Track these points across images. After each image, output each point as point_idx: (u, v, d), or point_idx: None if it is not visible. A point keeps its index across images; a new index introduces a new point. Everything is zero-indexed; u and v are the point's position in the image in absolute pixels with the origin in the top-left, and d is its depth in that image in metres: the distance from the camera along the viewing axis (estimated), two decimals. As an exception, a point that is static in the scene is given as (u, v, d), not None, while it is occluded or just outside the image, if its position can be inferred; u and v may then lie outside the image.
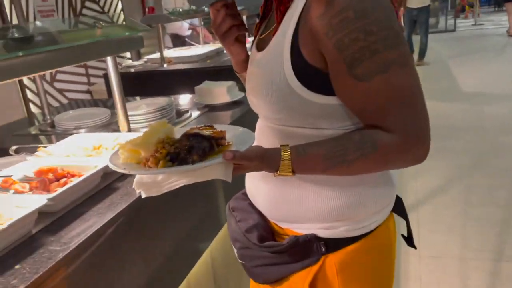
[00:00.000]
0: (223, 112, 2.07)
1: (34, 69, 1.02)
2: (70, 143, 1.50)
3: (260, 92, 0.87)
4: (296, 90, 0.79)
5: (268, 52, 0.86)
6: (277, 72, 0.81)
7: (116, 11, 5.49)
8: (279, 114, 0.85)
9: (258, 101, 0.90)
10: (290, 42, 0.79)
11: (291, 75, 0.79)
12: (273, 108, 0.84)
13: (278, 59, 0.81)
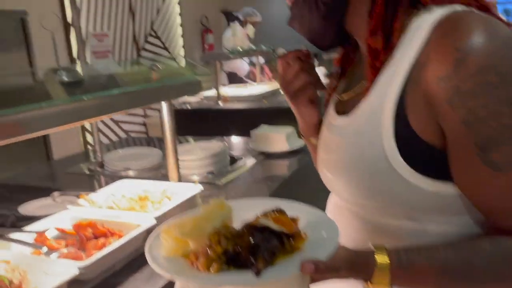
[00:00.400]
0: (280, 162, 1.90)
1: (82, 116, 0.90)
2: (115, 190, 1.38)
3: (343, 169, 0.69)
4: (398, 170, 0.60)
5: (358, 118, 0.68)
6: (372, 145, 0.63)
7: (177, 47, 5.60)
8: (368, 200, 0.65)
9: (338, 179, 0.71)
10: (393, 107, 0.61)
11: (392, 150, 0.61)
12: (361, 191, 0.65)
13: (374, 128, 0.63)
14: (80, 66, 1.18)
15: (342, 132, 0.72)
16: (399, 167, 0.60)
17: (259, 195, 1.48)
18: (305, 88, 0.80)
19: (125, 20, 4.69)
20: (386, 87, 0.63)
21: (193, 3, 5.91)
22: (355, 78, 0.77)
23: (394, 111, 0.61)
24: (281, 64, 0.80)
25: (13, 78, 1.09)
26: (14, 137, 0.87)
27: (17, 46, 2.82)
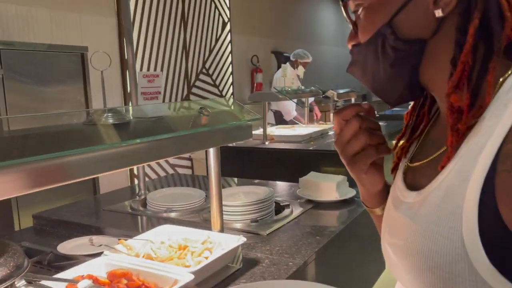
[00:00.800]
0: (330, 212, 1.77)
1: (123, 163, 0.85)
2: (154, 236, 1.31)
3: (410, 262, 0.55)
4: (481, 273, 0.47)
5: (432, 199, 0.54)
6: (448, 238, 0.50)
7: (227, 84, 5.68)
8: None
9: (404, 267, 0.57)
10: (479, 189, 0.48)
11: (475, 246, 0.48)
12: None
13: (453, 215, 0.50)
14: (128, 108, 1.15)
15: (411, 214, 0.58)
16: (482, 270, 0.47)
17: (307, 250, 1.36)
18: (365, 151, 0.66)
19: (178, 58, 4.83)
20: (471, 160, 0.50)
21: (245, 43, 6.03)
22: (430, 141, 0.64)
23: (479, 194, 0.47)
24: (337, 122, 0.67)
25: (62, 118, 1.07)
26: (57, 183, 0.83)
27: (75, 80, 2.93)
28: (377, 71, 0.61)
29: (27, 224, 1.86)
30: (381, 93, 0.64)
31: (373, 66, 0.61)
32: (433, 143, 0.61)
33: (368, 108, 0.67)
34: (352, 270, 1.74)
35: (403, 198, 0.61)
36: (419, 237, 0.54)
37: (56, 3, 3.46)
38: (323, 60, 8.46)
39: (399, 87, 0.61)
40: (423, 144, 0.66)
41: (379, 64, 0.60)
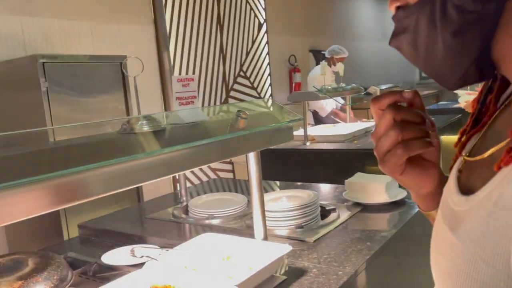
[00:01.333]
0: (380, 215, 1.67)
1: (155, 174, 0.81)
2: (196, 245, 1.27)
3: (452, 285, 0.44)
4: None
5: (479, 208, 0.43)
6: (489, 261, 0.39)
7: (265, 86, 5.63)
8: None
9: None
10: None
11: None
12: None
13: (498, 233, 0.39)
14: (164, 114, 1.12)
15: (454, 225, 0.46)
16: None
17: (357, 258, 1.27)
18: (393, 150, 0.53)
19: (216, 62, 4.84)
20: None
21: (282, 43, 5.96)
22: (494, 134, 0.51)
23: None
24: (374, 111, 0.55)
25: (97, 127, 1.05)
26: (97, 195, 0.80)
27: (116, 89, 2.97)
28: (433, 43, 0.46)
29: (75, 232, 1.88)
30: (438, 73, 0.50)
31: (427, 36, 0.47)
32: (497, 135, 0.48)
33: (409, 97, 0.54)
34: (407, 277, 1.63)
35: (452, 203, 0.49)
36: (459, 259, 0.43)
37: (96, 15, 3.54)
38: (363, 57, 8.24)
39: (463, 64, 0.46)
40: (485, 136, 0.52)
41: (436, 32, 0.45)
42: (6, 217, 0.69)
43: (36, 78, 2.51)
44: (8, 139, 1.03)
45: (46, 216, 2.54)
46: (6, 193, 0.69)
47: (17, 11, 3.02)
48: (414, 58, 0.50)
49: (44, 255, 1.23)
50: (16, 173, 0.75)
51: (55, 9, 3.25)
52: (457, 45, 0.45)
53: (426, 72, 0.51)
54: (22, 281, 1.07)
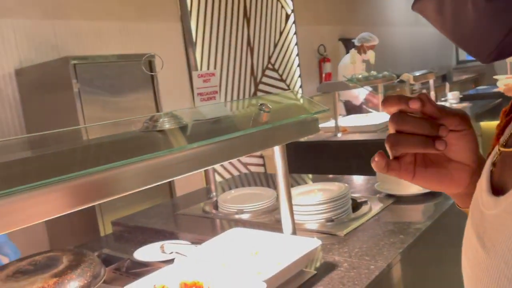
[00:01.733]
0: (414, 207, 1.61)
1: (175, 171, 0.80)
2: (226, 240, 1.27)
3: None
4: None
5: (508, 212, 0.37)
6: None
7: (294, 78, 5.57)
8: None
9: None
10: None
11: None
12: None
13: None
14: (186, 110, 1.11)
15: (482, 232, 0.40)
16: None
17: (390, 251, 1.23)
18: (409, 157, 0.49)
19: (244, 56, 4.82)
20: None
21: (310, 33, 5.87)
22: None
23: None
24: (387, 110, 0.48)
25: (122, 126, 1.06)
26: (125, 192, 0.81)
27: (146, 88, 3.01)
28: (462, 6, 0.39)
29: (111, 228, 1.93)
30: (468, 43, 0.43)
31: None
32: None
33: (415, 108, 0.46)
34: (443, 269, 1.57)
35: (481, 204, 0.42)
36: (483, 272, 0.37)
37: (124, 15, 3.59)
38: (395, 43, 8.00)
39: (498, 33, 0.39)
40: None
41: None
42: (42, 214, 0.71)
43: (68, 80, 2.57)
44: (42, 139, 1.05)
45: (83, 214, 2.62)
46: (41, 191, 0.70)
47: (49, 15, 3.11)
48: (440, 24, 0.44)
49: (78, 253, 1.26)
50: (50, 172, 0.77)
51: (85, 11, 3.33)
52: (491, 10, 0.38)
53: (455, 41, 0.45)
54: (57, 278, 1.10)
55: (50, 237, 3.08)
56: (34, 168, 0.83)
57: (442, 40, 10.16)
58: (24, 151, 1.02)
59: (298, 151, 3.33)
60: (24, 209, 0.69)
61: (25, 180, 0.71)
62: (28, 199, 0.69)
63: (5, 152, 0.96)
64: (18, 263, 1.26)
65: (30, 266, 1.23)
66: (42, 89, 2.81)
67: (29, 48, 2.99)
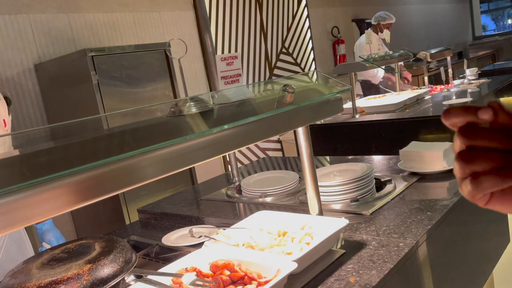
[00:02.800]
0: (439, 184, 1.59)
1: (202, 156, 0.81)
2: (252, 223, 1.28)
3: None
4: None
5: None
6: None
7: (308, 61, 5.52)
8: None
9: None
10: None
11: None
12: None
13: None
14: (210, 94, 1.12)
15: None
16: None
17: (418, 228, 1.22)
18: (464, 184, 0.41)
19: (257, 41, 4.79)
20: None
21: (323, 15, 5.79)
22: None
23: None
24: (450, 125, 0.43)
25: (145, 113, 1.07)
26: (152, 178, 0.82)
27: (162, 77, 3.02)
28: None
29: (136, 217, 1.97)
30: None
31: None
32: None
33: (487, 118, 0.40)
34: (472, 245, 1.56)
35: None
36: None
37: (137, 6, 3.60)
38: (410, 21, 7.84)
39: None
40: None
41: None
42: (70, 204, 0.72)
43: (87, 72, 2.60)
44: (64, 129, 1.07)
45: (108, 203, 2.67)
46: (66, 181, 0.71)
47: (64, 9, 3.14)
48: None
49: (109, 239, 1.29)
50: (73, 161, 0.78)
51: (99, 4, 3.34)
52: None
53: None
54: (91, 264, 1.13)
55: (77, 228, 3.16)
56: (59, 157, 0.84)
57: (457, 16, 9.92)
58: (48, 141, 1.04)
59: (316, 133, 3.31)
60: (53, 198, 0.70)
61: (51, 170, 0.72)
62: (54, 188, 0.70)
63: (30, 143, 0.98)
64: (52, 251, 1.29)
65: (64, 254, 1.27)
66: (62, 83, 2.85)
67: (46, 42, 3.02)
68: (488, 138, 0.40)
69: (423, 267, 1.22)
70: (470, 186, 0.40)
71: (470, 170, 0.40)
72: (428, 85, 4.15)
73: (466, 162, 0.40)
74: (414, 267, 1.18)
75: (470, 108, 0.40)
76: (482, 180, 0.40)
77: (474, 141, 0.40)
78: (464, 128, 0.41)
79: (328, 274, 1.07)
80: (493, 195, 0.42)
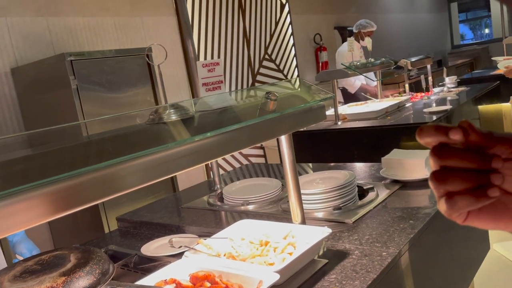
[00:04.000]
0: (421, 191, 1.60)
1: (179, 165, 0.78)
2: (234, 232, 1.25)
3: None
4: None
5: None
6: None
7: (291, 68, 5.54)
8: None
9: None
10: None
11: None
12: None
13: None
14: (191, 101, 1.09)
15: None
16: None
17: (401, 237, 1.22)
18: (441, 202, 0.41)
19: (240, 47, 4.79)
20: None
21: (305, 22, 5.83)
22: None
23: None
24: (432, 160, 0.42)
25: (125, 120, 1.04)
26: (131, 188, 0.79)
27: (144, 82, 2.98)
28: None
29: (115, 225, 1.92)
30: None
31: None
32: None
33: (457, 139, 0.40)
34: (454, 252, 1.57)
35: None
36: None
37: (118, 10, 3.55)
38: (391, 29, 7.96)
39: None
40: None
41: None
42: (45, 215, 0.69)
43: (66, 77, 2.54)
44: (42, 136, 1.03)
45: (87, 211, 2.60)
46: (42, 191, 0.68)
47: (43, 12, 3.07)
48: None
49: (85, 250, 1.24)
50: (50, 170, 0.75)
51: (79, 7, 3.28)
52: None
53: None
54: (66, 276, 1.08)
55: (54, 237, 3.07)
56: (35, 166, 0.81)
57: (436, 25, 10.12)
58: (25, 149, 1.00)
59: (298, 140, 3.31)
60: (27, 209, 0.67)
61: (26, 180, 0.69)
62: (29, 199, 0.67)
63: (5, 150, 0.94)
64: (25, 263, 1.24)
65: (37, 265, 1.22)
66: (40, 87, 2.77)
67: (24, 46, 2.95)
68: (460, 158, 0.40)
69: (405, 275, 1.21)
70: (445, 206, 0.40)
71: (444, 190, 0.40)
72: (409, 92, 4.21)
73: (439, 182, 0.40)
74: (397, 276, 1.17)
75: (442, 128, 0.40)
76: (456, 200, 0.40)
77: (447, 161, 0.40)
78: (436, 148, 0.40)
79: (310, 285, 1.05)
80: (470, 213, 0.42)
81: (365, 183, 1.71)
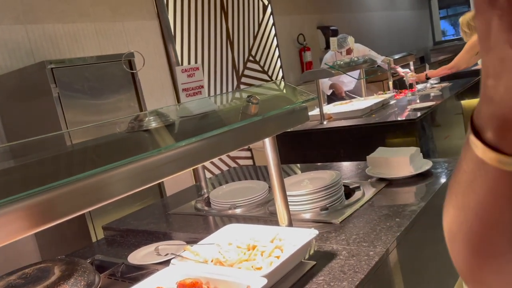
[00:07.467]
0: (406, 189, 1.61)
1: (157, 174, 0.77)
2: (221, 237, 1.24)
3: None
4: None
5: None
6: None
7: (276, 69, 5.55)
8: None
9: None
10: None
11: None
12: None
13: None
14: (171, 107, 1.08)
15: None
16: None
17: (387, 236, 1.22)
18: None
19: (224, 50, 4.77)
20: None
21: (288, 22, 5.84)
22: None
23: None
24: None
25: (107, 128, 1.02)
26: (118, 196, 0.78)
27: (127, 88, 2.95)
28: None
29: (102, 233, 1.89)
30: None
31: None
32: None
33: None
34: (441, 248, 1.57)
35: None
36: None
37: (99, 16, 3.51)
38: (373, 28, 8.03)
39: None
40: None
41: None
42: (28, 228, 0.67)
43: (46, 85, 2.50)
44: (25, 147, 1.01)
45: (73, 221, 2.56)
46: (24, 203, 0.67)
47: (21, 20, 3.02)
48: None
49: (69, 262, 1.22)
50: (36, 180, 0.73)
51: (59, 14, 3.23)
52: None
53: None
54: (50, 289, 1.06)
55: (40, 247, 3.02)
56: (18, 177, 0.79)
57: (418, 22, 10.24)
58: (6, 160, 0.98)
59: (284, 141, 3.31)
60: (10, 223, 0.65)
61: (10, 192, 0.67)
62: (12, 212, 0.65)
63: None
64: (7, 278, 1.21)
65: (21, 279, 1.19)
66: (21, 96, 2.73)
67: (2, 55, 2.89)
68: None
69: (394, 273, 1.22)
70: None
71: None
72: (393, 90, 4.24)
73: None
74: (385, 275, 1.17)
75: None
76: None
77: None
78: None
79: (300, 287, 1.04)
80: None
81: (352, 182, 1.72)
